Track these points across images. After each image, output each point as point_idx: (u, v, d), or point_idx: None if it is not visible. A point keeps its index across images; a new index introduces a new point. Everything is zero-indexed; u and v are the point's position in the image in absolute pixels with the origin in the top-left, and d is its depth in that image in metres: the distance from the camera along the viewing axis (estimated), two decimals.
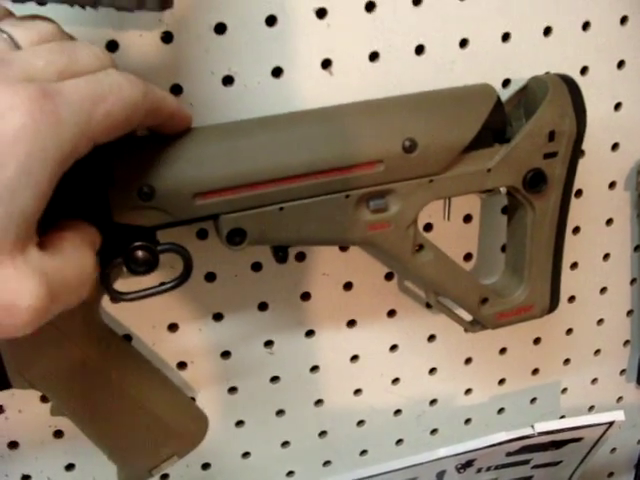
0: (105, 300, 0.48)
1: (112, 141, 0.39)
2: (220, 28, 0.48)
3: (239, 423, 0.62)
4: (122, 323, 0.54)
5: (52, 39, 0.36)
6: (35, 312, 0.32)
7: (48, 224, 0.35)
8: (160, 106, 0.39)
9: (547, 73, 0.56)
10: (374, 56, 0.52)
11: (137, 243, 0.42)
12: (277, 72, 0.50)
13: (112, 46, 0.46)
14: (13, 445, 0.57)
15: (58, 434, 0.57)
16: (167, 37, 0.47)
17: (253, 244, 0.46)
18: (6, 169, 0.30)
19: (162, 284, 0.46)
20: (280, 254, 0.49)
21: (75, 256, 0.36)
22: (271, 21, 0.49)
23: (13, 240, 0.31)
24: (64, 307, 0.34)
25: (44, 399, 0.55)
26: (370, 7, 0.50)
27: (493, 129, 0.50)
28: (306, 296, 0.58)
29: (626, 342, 0.74)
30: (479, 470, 0.67)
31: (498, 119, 0.50)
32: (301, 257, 0.57)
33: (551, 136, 0.51)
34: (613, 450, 0.82)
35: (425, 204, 0.50)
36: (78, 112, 0.33)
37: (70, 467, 0.59)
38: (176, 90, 0.48)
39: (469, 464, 0.65)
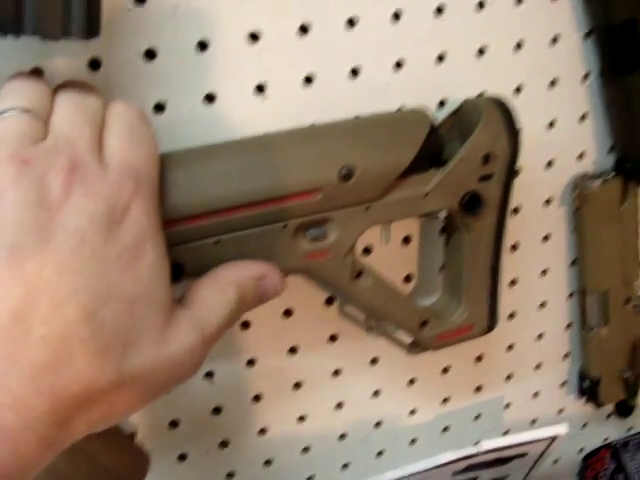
0: None
1: None
2: (150, 54, 0.46)
3: (181, 457, 0.60)
4: None
5: (44, 89, 0.39)
6: (195, 363, 0.38)
7: None
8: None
9: (480, 95, 0.57)
10: (309, 80, 0.51)
11: None
12: (210, 98, 0.49)
13: (36, 74, 0.44)
14: None
15: None
16: (95, 64, 0.45)
17: (191, 277, 0.45)
18: (153, 249, 0.36)
19: None
20: None
21: (215, 299, 0.41)
22: (202, 46, 0.47)
23: (163, 318, 0.36)
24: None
25: None
26: (304, 30, 0.50)
27: (429, 154, 0.50)
28: (245, 325, 0.57)
29: (566, 355, 0.75)
30: None
31: (433, 144, 0.50)
32: None
33: (486, 159, 0.51)
34: (556, 461, 0.82)
35: (363, 231, 0.49)
36: (148, 169, 0.38)
37: None
38: None
39: None
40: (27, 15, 0.37)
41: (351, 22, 0.51)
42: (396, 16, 0.52)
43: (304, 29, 0.50)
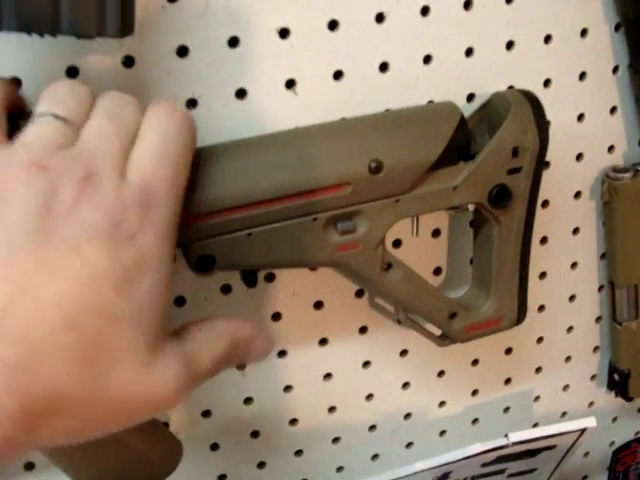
0: None
1: None
2: (182, 51, 0.47)
3: (214, 446, 0.62)
4: None
5: (86, 97, 0.39)
6: (177, 396, 0.36)
7: None
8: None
9: (510, 88, 0.57)
10: (338, 75, 0.52)
11: None
12: (241, 94, 0.50)
13: (72, 72, 0.45)
14: None
15: (29, 467, 0.56)
16: (128, 61, 0.46)
17: (222, 270, 0.46)
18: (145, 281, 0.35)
19: None
20: (249, 278, 0.48)
21: (209, 342, 0.40)
22: (233, 42, 0.48)
23: (157, 335, 0.35)
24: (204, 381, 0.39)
25: None
26: (333, 26, 0.50)
27: (457, 147, 0.50)
28: (277, 316, 0.58)
29: (596, 348, 0.75)
30: None
31: (462, 137, 0.50)
32: (271, 278, 0.56)
33: (514, 152, 0.51)
34: (586, 454, 0.82)
35: (392, 223, 0.50)
36: (168, 191, 0.37)
37: None
38: None
39: (445, 476, 0.66)
40: (64, 15, 0.38)
41: (380, 17, 0.51)
42: (425, 10, 0.52)
43: (333, 24, 0.50)
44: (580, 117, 0.62)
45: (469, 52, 0.55)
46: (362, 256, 0.49)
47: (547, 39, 0.57)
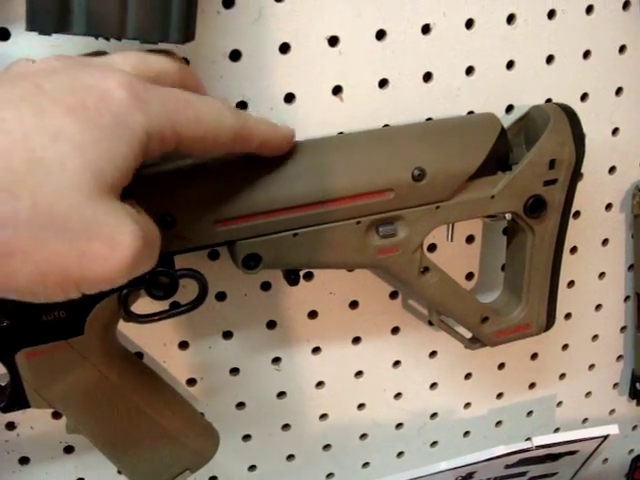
0: None
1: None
2: (235, 55, 0.49)
3: (246, 437, 0.64)
4: (133, 341, 0.55)
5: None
6: (134, 252, 0.32)
7: None
8: (252, 134, 0.42)
9: (548, 101, 0.58)
10: (383, 83, 0.53)
11: (159, 269, 0.44)
12: (289, 98, 0.52)
13: None
14: (24, 461, 0.58)
15: (69, 450, 0.59)
16: None
17: (267, 268, 0.47)
18: (104, 118, 0.33)
19: (176, 306, 0.47)
20: (292, 277, 0.50)
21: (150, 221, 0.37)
22: (284, 48, 0.50)
23: (110, 182, 0.32)
24: (144, 268, 0.35)
25: (56, 415, 0.56)
26: (381, 35, 0.52)
27: (497, 158, 0.52)
28: (313, 314, 0.60)
29: (619, 357, 0.76)
30: None
31: (502, 148, 0.52)
32: (309, 276, 0.58)
33: (551, 164, 0.53)
34: (605, 460, 0.84)
35: (432, 229, 0.51)
36: (167, 104, 0.36)
37: None
38: None
39: (469, 476, 0.67)
40: (130, 20, 0.39)
41: (426, 28, 0.53)
42: (469, 23, 0.54)
43: (381, 34, 0.52)
44: (615, 131, 0.63)
45: (510, 65, 0.57)
46: (401, 259, 0.51)
47: (586, 54, 0.59)
